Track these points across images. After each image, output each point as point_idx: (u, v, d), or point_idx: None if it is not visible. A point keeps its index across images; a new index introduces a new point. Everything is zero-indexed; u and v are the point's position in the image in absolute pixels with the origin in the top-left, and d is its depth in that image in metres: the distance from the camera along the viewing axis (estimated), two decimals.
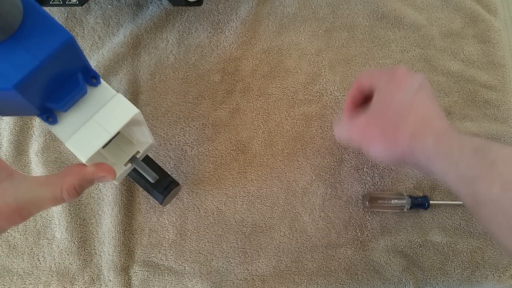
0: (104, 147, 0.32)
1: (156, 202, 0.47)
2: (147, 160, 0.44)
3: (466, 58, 0.55)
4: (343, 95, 0.53)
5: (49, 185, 0.27)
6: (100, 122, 0.28)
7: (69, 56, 0.26)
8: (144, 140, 0.37)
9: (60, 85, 0.27)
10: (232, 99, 0.51)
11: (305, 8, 0.56)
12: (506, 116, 0.54)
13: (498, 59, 0.55)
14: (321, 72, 0.53)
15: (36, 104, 0.26)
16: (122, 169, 0.35)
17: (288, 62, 0.53)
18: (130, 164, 0.35)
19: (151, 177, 0.35)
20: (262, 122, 0.51)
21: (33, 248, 0.45)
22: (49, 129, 0.30)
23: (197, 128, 0.50)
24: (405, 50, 0.55)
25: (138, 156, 0.36)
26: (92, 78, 0.29)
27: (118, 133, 0.31)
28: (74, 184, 0.27)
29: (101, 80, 0.30)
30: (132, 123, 0.31)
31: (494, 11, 0.58)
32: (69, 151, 0.48)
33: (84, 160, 0.28)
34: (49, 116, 0.28)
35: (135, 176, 0.43)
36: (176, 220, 0.47)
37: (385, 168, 0.51)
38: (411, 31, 0.55)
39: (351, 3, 0.56)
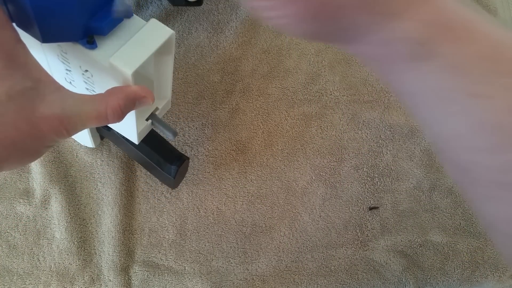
0: None
1: (157, 199, 0.47)
2: (152, 134, 0.43)
3: None
4: (343, 95, 0.53)
5: (94, 102, 0.27)
6: (140, 40, 0.29)
7: None
8: (164, 94, 0.37)
9: (101, 8, 0.28)
10: (231, 99, 0.52)
11: None
12: None
13: None
14: (321, 72, 0.53)
15: (83, 20, 0.27)
16: (144, 124, 0.36)
17: (287, 62, 0.53)
18: (149, 122, 0.36)
19: (171, 132, 0.35)
20: (261, 122, 0.51)
21: (33, 248, 0.45)
22: (84, 62, 0.30)
23: (196, 128, 0.50)
24: None
25: (156, 113, 0.36)
26: None
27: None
28: (120, 103, 0.27)
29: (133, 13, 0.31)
30: (166, 47, 0.31)
31: (494, 11, 0.58)
32: (67, 150, 0.48)
33: (130, 73, 0.28)
34: (90, 40, 0.28)
35: (140, 155, 0.43)
36: (176, 220, 0.47)
37: (385, 168, 0.51)
38: None
39: None
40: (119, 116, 0.27)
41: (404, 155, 0.52)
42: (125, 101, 0.27)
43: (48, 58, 0.33)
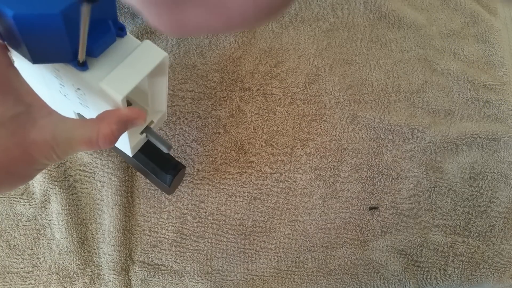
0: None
1: (157, 199, 0.47)
2: (149, 144, 0.43)
3: (466, 58, 0.55)
4: (343, 95, 0.53)
5: (85, 128, 0.26)
6: (132, 63, 0.29)
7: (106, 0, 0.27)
8: (159, 108, 0.37)
9: (93, 30, 0.27)
10: (231, 99, 0.51)
11: (305, 8, 0.56)
12: (506, 116, 0.53)
13: (498, 59, 0.55)
14: (321, 72, 0.53)
15: (73, 43, 0.26)
16: (138, 138, 0.35)
17: (287, 62, 0.53)
18: (144, 135, 0.36)
19: (165, 146, 0.34)
20: (261, 122, 0.51)
21: (33, 248, 0.45)
22: (75, 81, 0.30)
23: (196, 128, 0.50)
24: (405, 50, 0.55)
25: (151, 126, 0.36)
26: (119, 29, 0.30)
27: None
28: (112, 129, 0.27)
29: (127, 31, 0.30)
30: (159, 70, 0.31)
31: (494, 11, 0.58)
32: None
33: (120, 98, 0.28)
34: (80, 62, 0.28)
35: (136, 163, 0.43)
36: (176, 220, 0.47)
37: (385, 168, 0.51)
38: (411, 31, 0.55)
39: (351, 3, 0.56)
40: (111, 141, 0.27)
41: (404, 155, 0.52)
42: (117, 125, 0.27)
43: (43, 71, 0.33)
